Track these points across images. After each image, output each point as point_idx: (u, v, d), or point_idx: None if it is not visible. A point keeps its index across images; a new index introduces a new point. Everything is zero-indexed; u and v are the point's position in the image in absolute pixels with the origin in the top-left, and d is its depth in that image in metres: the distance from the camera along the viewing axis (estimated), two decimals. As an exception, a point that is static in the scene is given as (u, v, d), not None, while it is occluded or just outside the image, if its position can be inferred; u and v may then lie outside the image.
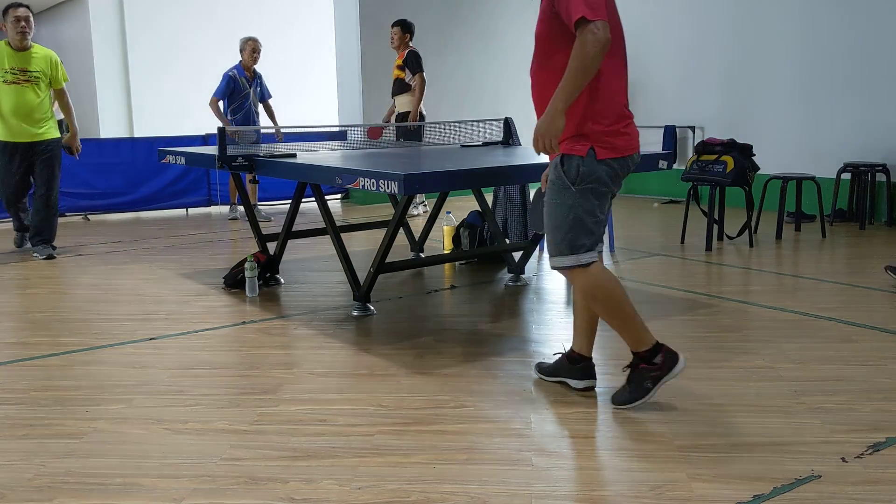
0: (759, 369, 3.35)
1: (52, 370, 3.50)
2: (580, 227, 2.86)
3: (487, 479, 2.42)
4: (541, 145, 2.77)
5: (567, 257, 2.89)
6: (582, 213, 2.85)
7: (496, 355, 3.60)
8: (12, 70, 5.79)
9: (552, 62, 2.88)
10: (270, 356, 3.64)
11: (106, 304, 4.67)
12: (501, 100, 10.42)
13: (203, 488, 2.38)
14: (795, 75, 7.82)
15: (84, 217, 8.41)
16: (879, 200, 7.27)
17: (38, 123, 5.93)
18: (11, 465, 2.56)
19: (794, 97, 7.87)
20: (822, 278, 5.05)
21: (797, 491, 2.30)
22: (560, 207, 2.88)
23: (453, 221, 5.87)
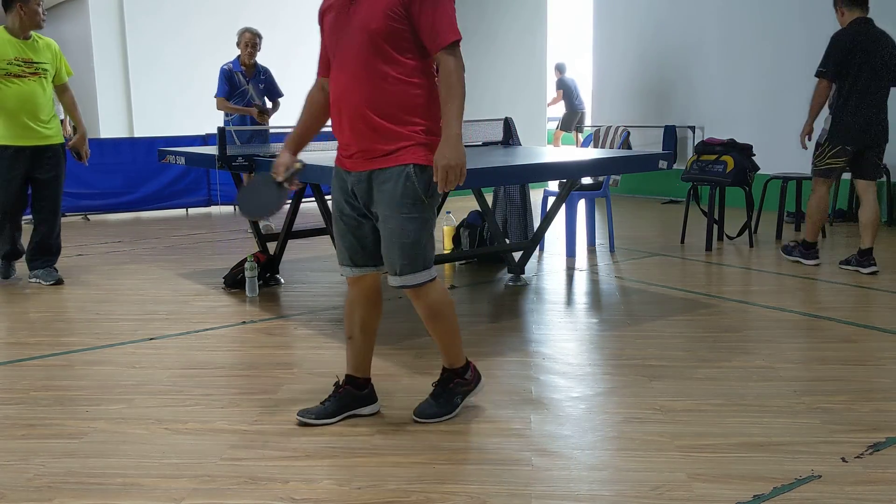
0: (759, 369, 3.35)
1: (52, 370, 3.50)
2: (431, 240, 2.72)
3: (487, 479, 2.42)
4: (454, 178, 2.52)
5: (425, 272, 2.69)
6: (433, 226, 2.72)
7: (496, 355, 3.60)
8: (17, 61, 4.98)
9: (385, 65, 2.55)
10: (270, 356, 3.64)
11: (106, 304, 4.67)
12: (501, 100, 10.42)
13: (203, 488, 2.38)
14: (795, 75, 7.82)
15: (84, 217, 8.41)
16: (880, 200, 7.26)
17: (46, 124, 5.13)
18: (11, 465, 2.56)
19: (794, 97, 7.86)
20: (822, 278, 5.05)
21: (797, 491, 2.30)
22: (416, 221, 2.63)
23: (453, 221, 5.87)
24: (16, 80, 4.97)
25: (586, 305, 4.51)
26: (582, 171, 4.70)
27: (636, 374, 3.31)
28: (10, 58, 4.94)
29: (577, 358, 3.57)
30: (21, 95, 4.98)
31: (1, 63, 4.93)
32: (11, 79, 4.95)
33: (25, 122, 5.03)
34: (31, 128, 5.07)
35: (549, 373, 3.37)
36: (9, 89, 4.96)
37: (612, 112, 9.61)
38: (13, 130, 5.03)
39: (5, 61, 4.94)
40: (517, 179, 4.95)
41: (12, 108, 5.00)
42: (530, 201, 5.91)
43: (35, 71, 5.03)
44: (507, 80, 10.50)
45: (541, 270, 5.44)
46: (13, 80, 4.96)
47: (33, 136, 5.09)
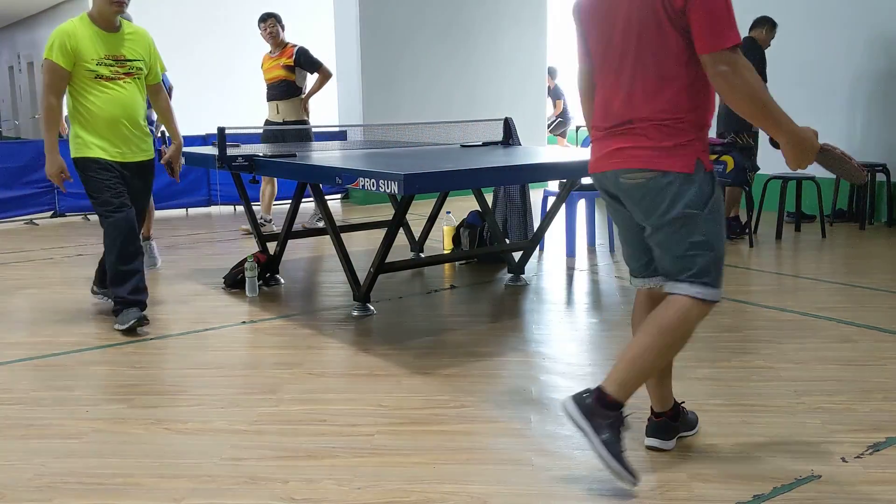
0: (759, 369, 3.35)
1: (52, 370, 3.50)
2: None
3: (487, 479, 2.42)
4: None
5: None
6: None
7: (496, 355, 3.60)
8: (108, 59, 3.97)
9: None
10: (270, 356, 3.64)
11: (106, 304, 4.67)
12: (501, 100, 10.42)
13: (203, 488, 2.38)
14: (795, 75, 7.82)
15: (84, 217, 8.41)
16: (879, 200, 7.27)
17: (145, 136, 4.17)
18: (11, 465, 2.56)
19: (794, 97, 7.86)
20: (822, 278, 5.05)
21: (797, 491, 2.30)
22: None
23: (453, 221, 5.87)
24: (108, 83, 3.95)
25: (586, 305, 4.51)
26: (582, 171, 4.70)
27: (636, 374, 3.31)
28: (99, 56, 3.94)
29: (577, 358, 3.57)
30: (116, 103, 3.98)
31: (88, 63, 3.91)
32: (102, 83, 3.94)
33: (126, 134, 4.04)
34: (133, 142, 4.09)
35: (549, 373, 3.37)
36: (100, 96, 3.95)
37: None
38: (108, 146, 4.01)
39: (93, 61, 3.92)
40: (517, 179, 4.95)
41: (106, 118, 3.97)
42: (530, 201, 5.91)
43: (129, 71, 4.03)
44: (507, 80, 10.50)
45: (541, 270, 5.44)
46: (104, 84, 3.95)
47: (136, 151, 4.12)
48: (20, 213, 8.01)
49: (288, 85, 6.75)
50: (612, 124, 2.44)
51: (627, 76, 2.39)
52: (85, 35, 3.93)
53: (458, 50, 10.02)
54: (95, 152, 4.01)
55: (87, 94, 3.96)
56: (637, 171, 2.37)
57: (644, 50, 2.35)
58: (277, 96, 6.78)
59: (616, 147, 2.42)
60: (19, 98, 22.35)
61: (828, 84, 7.60)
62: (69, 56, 3.89)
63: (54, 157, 4.04)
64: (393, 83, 9.55)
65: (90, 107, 3.97)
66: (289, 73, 6.71)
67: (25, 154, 8.01)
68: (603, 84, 2.49)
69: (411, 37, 9.61)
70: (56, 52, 3.87)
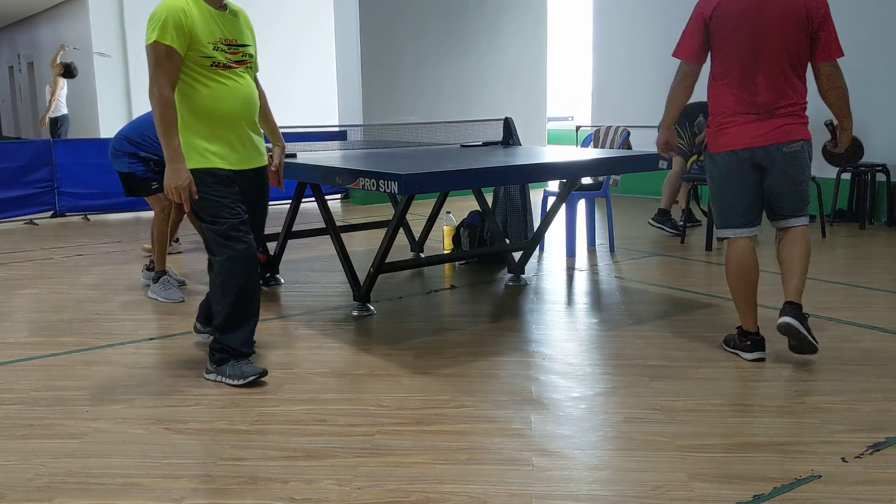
0: (759, 369, 3.35)
1: (52, 370, 3.50)
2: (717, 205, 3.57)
3: (487, 479, 2.42)
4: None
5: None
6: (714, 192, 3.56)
7: (496, 355, 3.60)
8: (223, 44, 3.23)
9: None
10: (270, 356, 3.64)
11: (106, 304, 4.67)
12: (501, 100, 10.42)
13: (203, 488, 2.38)
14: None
15: (84, 217, 8.41)
16: (879, 200, 7.27)
17: (260, 136, 3.45)
18: (11, 465, 2.56)
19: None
20: (822, 278, 5.05)
21: (797, 491, 2.30)
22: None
23: (453, 221, 5.87)
24: (224, 73, 3.22)
25: (586, 305, 4.51)
26: (582, 171, 4.70)
27: (636, 374, 3.31)
28: (215, 39, 3.20)
29: (577, 358, 3.57)
30: (234, 97, 3.24)
31: (204, 48, 3.16)
32: (218, 72, 3.21)
33: (245, 136, 3.31)
34: (252, 143, 3.36)
35: (549, 373, 3.37)
36: (215, 89, 3.20)
37: (612, 112, 9.61)
38: (226, 149, 3.25)
39: (210, 45, 3.18)
40: (517, 179, 4.94)
41: (225, 114, 3.23)
42: (530, 201, 5.91)
43: (242, 58, 3.30)
44: (507, 80, 10.50)
45: (541, 270, 5.44)
46: (220, 73, 3.21)
47: (254, 156, 3.37)
48: (20, 213, 8.01)
49: None
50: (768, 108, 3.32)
51: (780, 70, 3.30)
52: (197, 12, 3.17)
53: (458, 50, 10.02)
54: (212, 161, 3.20)
55: (199, 86, 3.18)
56: (798, 141, 3.35)
57: (792, 52, 3.31)
58: None
59: (782, 124, 3.33)
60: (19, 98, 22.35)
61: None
62: (185, 38, 3.12)
63: (180, 167, 3.11)
64: (393, 83, 9.55)
65: (204, 102, 3.18)
66: None
67: (25, 154, 8.01)
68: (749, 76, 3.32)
69: (411, 37, 9.61)
70: (172, 33, 3.08)
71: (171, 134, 3.10)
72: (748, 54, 3.30)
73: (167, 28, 3.08)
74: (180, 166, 3.11)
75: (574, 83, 24.90)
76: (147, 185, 4.77)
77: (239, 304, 3.27)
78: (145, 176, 4.78)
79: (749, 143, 3.35)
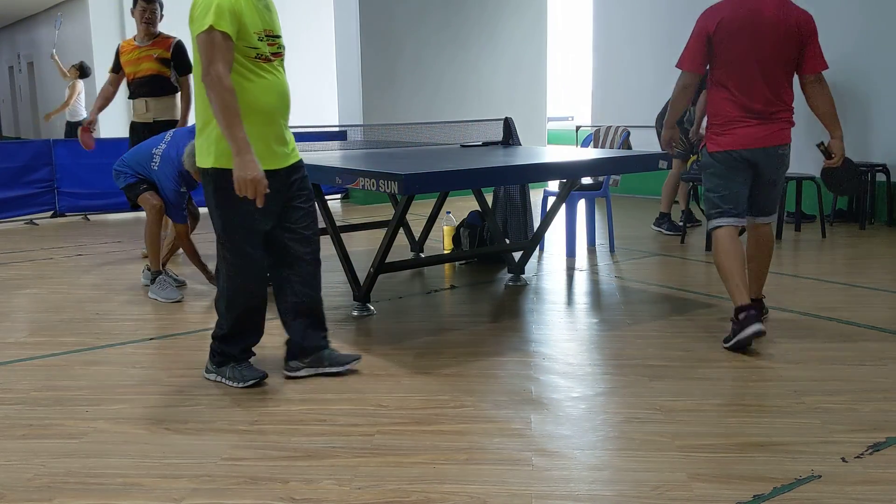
0: (759, 369, 3.35)
1: (52, 370, 3.50)
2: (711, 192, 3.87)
3: (487, 479, 2.42)
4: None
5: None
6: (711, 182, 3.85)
7: (496, 355, 3.60)
8: (266, 35, 3.09)
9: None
10: (270, 356, 3.64)
11: (106, 304, 4.67)
12: (501, 100, 10.42)
13: (203, 488, 2.38)
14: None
15: (84, 217, 8.41)
16: (879, 200, 7.27)
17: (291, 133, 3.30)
18: (11, 465, 2.56)
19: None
20: (822, 278, 5.05)
21: (797, 491, 2.30)
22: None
23: (453, 221, 5.87)
24: (266, 66, 3.07)
25: (586, 305, 4.51)
26: (582, 171, 4.70)
27: (636, 374, 3.31)
28: (259, 29, 3.05)
29: (577, 358, 3.57)
30: (274, 91, 3.11)
31: (250, 38, 3.01)
32: (261, 64, 3.06)
33: (281, 133, 3.18)
34: (286, 139, 3.22)
35: (549, 373, 3.37)
36: (258, 83, 3.05)
37: (612, 112, 9.61)
38: (265, 147, 3.09)
39: (255, 35, 3.03)
40: (517, 179, 4.94)
41: (266, 111, 3.09)
42: (530, 201, 5.91)
43: (278, 50, 3.15)
44: (507, 80, 10.50)
45: (541, 270, 5.44)
46: (262, 66, 3.06)
47: (287, 151, 3.24)
48: (20, 213, 8.01)
49: (161, 80, 5.77)
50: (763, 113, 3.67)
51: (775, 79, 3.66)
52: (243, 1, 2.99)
53: (458, 50, 10.02)
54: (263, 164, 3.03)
55: (241, 79, 2.99)
56: (788, 144, 3.74)
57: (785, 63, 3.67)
58: (148, 93, 5.78)
59: (775, 128, 3.69)
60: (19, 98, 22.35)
61: (828, 84, 7.60)
62: (236, 25, 2.94)
63: (250, 158, 2.92)
64: (393, 83, 9.55)
65: (245, 97, 3.00)
66: (163, 67, 5.73)
67: (25, 154, 8.02)
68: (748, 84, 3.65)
69: (411, 37, 9.61)
70: (227, 18, 2.90)
71: (237, 123, 2.91)
72: (747, 64, 3.64)
73: (223, 13, 2.90)
74: (250, 157, 2.92)
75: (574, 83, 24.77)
76: (138, 188, 4.80)
77: (244, 322, 3.25)
78: (136, 180, 4.81)
79: (749, 145, 3.68)
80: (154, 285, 4.77)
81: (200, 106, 3.09)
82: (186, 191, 4.76)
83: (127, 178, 4.83)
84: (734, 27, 3.64)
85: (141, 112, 5.84)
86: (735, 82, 3.68)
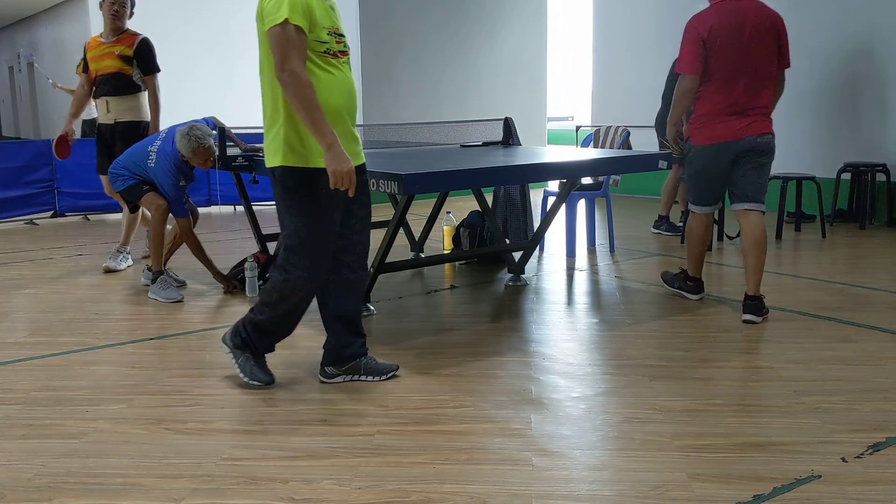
0: (759, 369, 3.36)
1: (52, 370, 3.50)
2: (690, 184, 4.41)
3: (488, 479, 2.42)
4: None
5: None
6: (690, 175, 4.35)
7: (496, 355, 3.60)
8: (334, 32, 3.02)
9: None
10: (270, 356, 3.64)
11: (106, 304, 4.67)
12: (501, 100, 10.42)
13: (203, 488, 2.38)
14: (794, 75, 7.82)
15: (84, 217, 8.41)
16: (879, 200, 7.27)
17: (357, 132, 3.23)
18: (11, 465, 2.56)
19: (794, 97, 7.87)
20: (822, 278, 5.05)
21: (797, 491, 2.30)
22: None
23: (453, 221, 5.87)
24: (334, 62, 2.99)
25: (586, 305, 4.51)
26: (582, 171, 4.70)
27: (636, 374, 3.31)
28: (328, 25, 2.98)
29: (577, 358, 3.57)
30: (343, 89, 3.02)
31: (320, 33, 2.94)
32: (329, 61, 2.97)
33: (350, 129, 3.10)
34: (356, 138, 3.17)
35: (549, 373, 3.37)
36: (326, 80, 2.96)
37: (612, 112, 9.61)
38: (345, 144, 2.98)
39: (325, 30, 2.96)
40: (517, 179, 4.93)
41: (335, 109, 2.98)
42: (530, 201, 5.91)
43: (344, 48, 3.07)
44: (507, 80, 10.50)
45: (541, 270, 5.44)
46: (331, 63, 2.98)
47: (357, 153, 3.16)
48: (20, 213, 8.02)
49: (123, 79, 5.49)
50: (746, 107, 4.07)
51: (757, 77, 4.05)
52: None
53: (458, 50, 10.02)
54: (315, 161, 2.96)
55: (310, 75, 2.90)
56: (768, 134, 4.12)
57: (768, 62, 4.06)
58: (109, 92, 5.50)
59: (754, 120, 4.07)
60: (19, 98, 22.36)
61: (828, 84, 7.61)
62: (308, 20, 2.88)
63: (340, 150, 2.88)
64: (393, 83, 9.56)
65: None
66: (124, 65, 5.46)
67: (25, 154, 8.02)
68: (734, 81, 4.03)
69: (411, 37, 9.61)
70: (300, 12, 2.84)
71: (321, 117, 2.83)
72: (733, 64, 4.03)
73: (296, 7, 2.83)
74: (340, 149, 2.87)
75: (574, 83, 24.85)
76: (140, 189, 4.79)
77: (284, 321, 3.19)
78: (136, 181, 4.80)
79: (732, 137, 4.09)
80: (155, 285, 4.77)
81: (269, 103, 3.00)
82: (185, 184, 4.76)
83: (126, 181, 4.83)
84: (724, 32, 4.01)
85: (103, 112, 5.58)
86: (722, 81, 4.05)
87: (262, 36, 2.94)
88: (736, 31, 4.01)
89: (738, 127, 4.07)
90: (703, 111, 4.15)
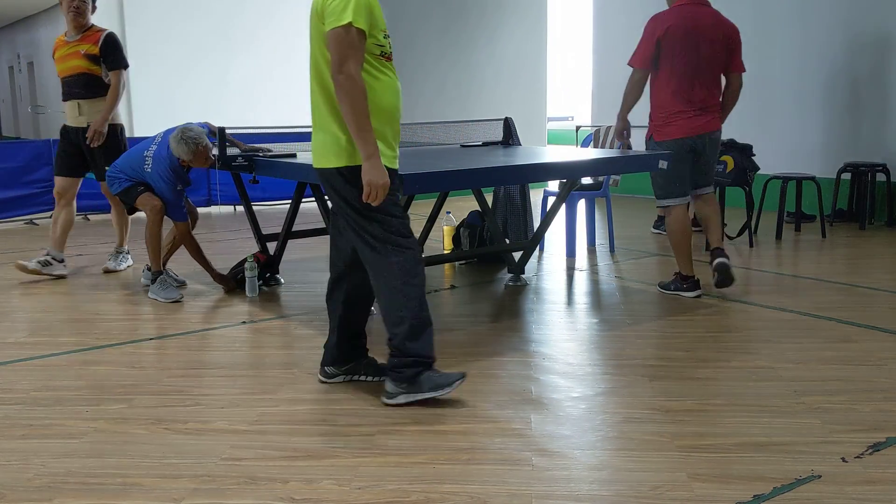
0: (759, 369, 3.36)
1: (52, 370, 3.50)
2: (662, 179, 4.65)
3: (488, 479, 2.42)
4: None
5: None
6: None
7: (496, 355, 3.60)
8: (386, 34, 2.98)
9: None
10: (270, 356, 3.64)
11: (106, 304, 4.67)
12: (501, 100, 10.42)
13: (203, 488, 2.38)
14: (795, 75, 7.82)
15: (84, 217, 8.41)
16: (879, 200, 7.27)
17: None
18: (11, 465, 2.56)
19: (794, 97, 7.87)
20: (822, 278, 5.05)
21: (797, 491, 2.30)
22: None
23: (453, 221, 5.87)
24: (388, 64, 2.96)
25: (586, 305, 4.51)
26: (582, 171, 4.71)
27: (636, 374, 3.31)
28: (384, 26, 2.94)
29: (577, 358, 3.57)
30: (395, 91, 2.98)
31: (378, 35, 2.90)
32: (384, 62, 2.93)
33: (399, 132, 3.07)
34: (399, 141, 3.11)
35: (549, 373, 3.37)
36: (382, 81, 2.92)
37: (612, 112, 9.59)
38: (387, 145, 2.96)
39: (381, 32, 2.92)
40: (517, 179, 4.94)
41: (390, 110, 2.96)
42: (530, 201, 5.91)
43: (391, 50, 3.03)
44: (507, 80, 10.50)
45: (541, 270, 5.44)
46: (385, 65, 2.94)
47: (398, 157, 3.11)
48: (20, 213, 8.01)
49: (92, 79, 5.28)
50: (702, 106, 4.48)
51: (710, 78, 4.49)
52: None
53: (458, 50, 10.02)
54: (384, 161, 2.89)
55: (369, 78, 2.85)
56: (719, 130, 4.61)
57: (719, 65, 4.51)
58: (79, 94, 5.28)
59: (711, 118, 4.52)
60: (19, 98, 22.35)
61: (828, 84, 7.61)
62: (369, 22, 2.82)
63: (380, 163, 2.84)
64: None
65: (372, 96, 2.85)
66: (92, 65, 5.25)
67: (25, 154, 8.01)
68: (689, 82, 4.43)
69: (411, 37, 9.61)
70: (364, 15, 2.77)
71: (368, 126, 2.78)
72: (689, 64, 4.41)
73: (360, 9, 2.75)
74: (380, 161, 2.82)
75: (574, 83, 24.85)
76: (135, 191, 4.79)
77: (422, 308, 3.01)
78: (132, 183, 4.80)
79: (691, 133, 4.49)
80: (155, 285, 4.77)
81: (322, 102, 2.93)
82: (183, 188, 4.76)
83: (122, 183, 4.83)
84: (679, 34, 4.38)
85: (73, 115, 5.31)
86: (678, 80, 4.44)
87: (318, 34, 2.85)
88: (691, 34, 4.38)
89: (697, 124, 4.48)
90: (664, 108, 4.52)
